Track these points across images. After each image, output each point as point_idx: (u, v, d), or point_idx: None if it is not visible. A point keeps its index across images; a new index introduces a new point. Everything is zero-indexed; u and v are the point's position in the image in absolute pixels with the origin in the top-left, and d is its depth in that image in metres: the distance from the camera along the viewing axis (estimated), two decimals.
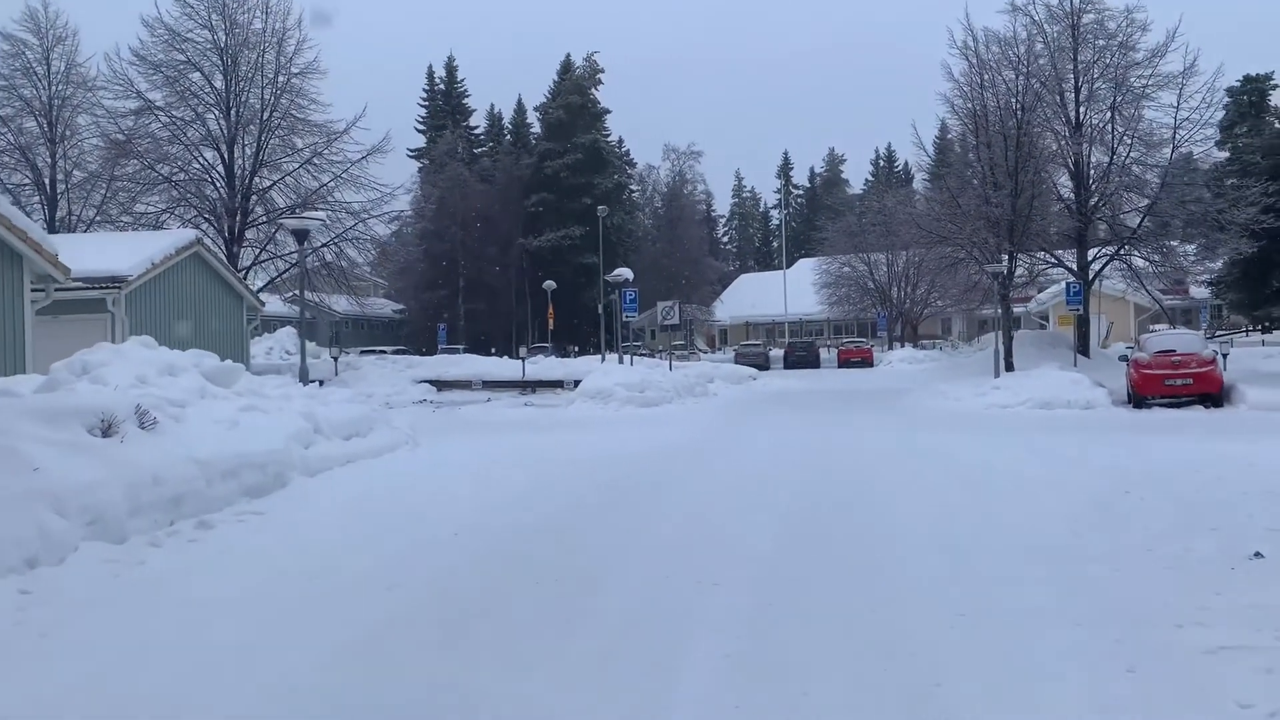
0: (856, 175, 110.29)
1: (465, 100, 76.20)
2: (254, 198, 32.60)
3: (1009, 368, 25.54)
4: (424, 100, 76.65)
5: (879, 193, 72.44)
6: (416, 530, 8.04)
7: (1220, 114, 32.89)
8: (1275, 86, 52.82)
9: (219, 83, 31.74)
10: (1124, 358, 23.89)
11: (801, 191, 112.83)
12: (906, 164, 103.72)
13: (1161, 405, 21.08)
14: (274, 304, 36.87)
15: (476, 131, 76.57)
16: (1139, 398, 21.29)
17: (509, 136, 73.88)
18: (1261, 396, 20.23)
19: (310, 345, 51.53)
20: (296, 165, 32.85)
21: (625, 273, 28.16)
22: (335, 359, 30.08)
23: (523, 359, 29.19)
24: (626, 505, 9.30)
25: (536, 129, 71.15)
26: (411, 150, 75.93)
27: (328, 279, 33.64)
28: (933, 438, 15.45)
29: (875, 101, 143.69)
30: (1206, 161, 29.73)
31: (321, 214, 17.02)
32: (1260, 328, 51.72)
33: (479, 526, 8.18)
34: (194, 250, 25.86)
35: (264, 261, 33.20)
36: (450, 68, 76.00)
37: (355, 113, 32.71)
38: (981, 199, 26.12)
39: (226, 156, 32.17)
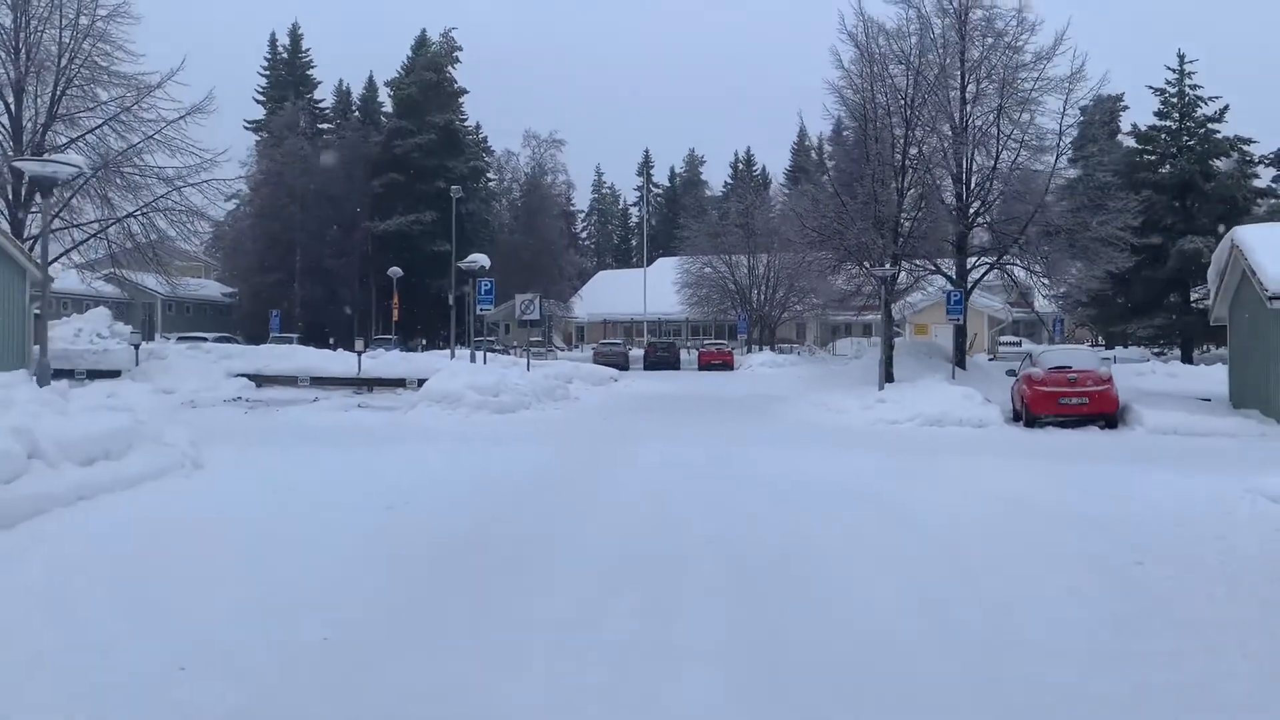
0: (716, 177, 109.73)
1: (310, 71, 70.98)
2: (46, 156, 27.86)
3: (889, 378, 23.86)
4: (265, 69, 71.02)
5: (740, 194, 71.38)
6: (102, 667, 4.76)
7: (1095, 123, 32.55)
8: (1125, 108, 54.20)
9: (5, 19, 27.00)
10: (1011, 372, 22.54)
11: (661, 191, 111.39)
12: (765, 168, 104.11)
13: (1055, 425, 19.71)
14: (73, 282, 32.12)
15: (322, 106, 71.48)
16: (1031, 416, 19.83)
17: (357, 113, 69.19)
18: (1159, 419, 19.05)
19: (123, 328, 46.19)
20: (99, 121, 28.32)
21: (480, 259, 25.15)
22: (135, 347, 25.87)
23: (359, 353, 25.75)
24: (462, 611, 6.39)
25: (389, 108, 66.80)
26: (249, 122, 70.43)
27: (134, 254, 29.22)
28: (839, 462, 13.23)
29: (735, 105, 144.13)
30: (1084, 173, 28.94)
31: (79, 158, 13.32)
32: (1105, 343, 52.89)
33: (207, 665, 4.80)
34: None
35: (58, 230, 28.50)
36: (295, 35, 70.66)
37: (173, 65, 28.37)
38: (870, 197, 24.37)
39: (13, 106, 27.39)
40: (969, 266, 27.85)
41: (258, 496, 9.31)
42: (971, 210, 27.09)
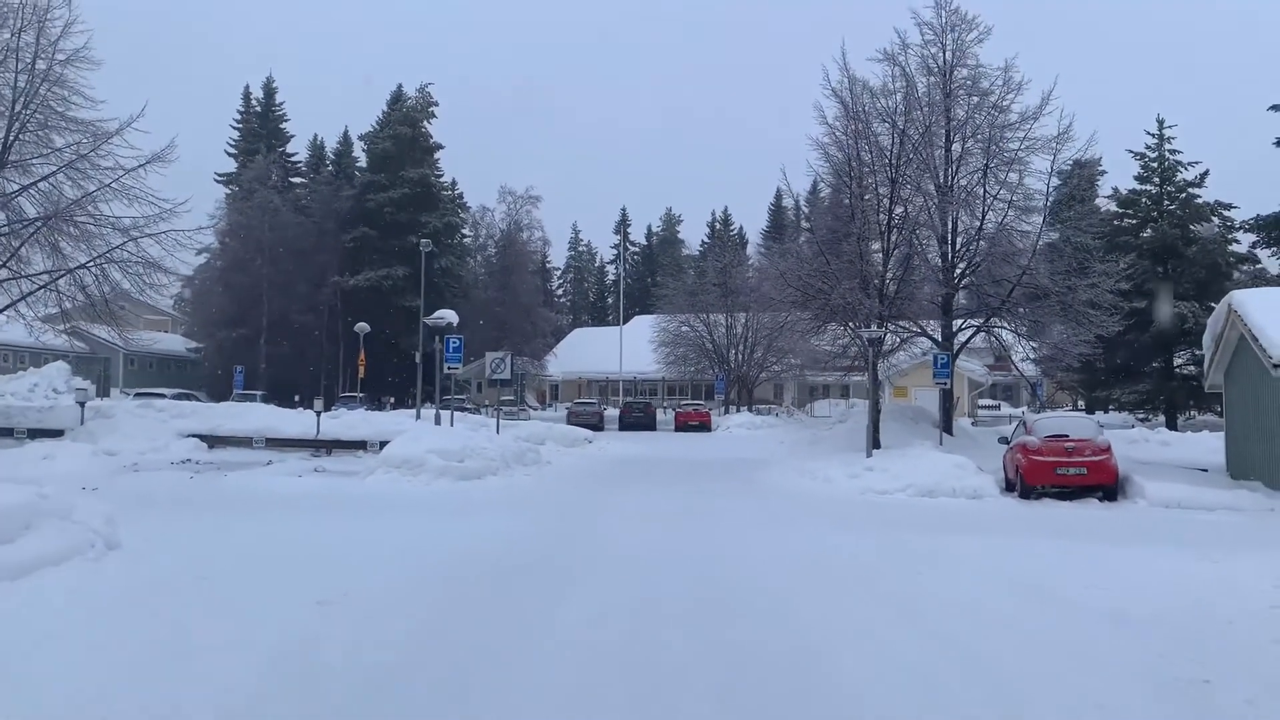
0: (693, 235, 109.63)
1: (283, 125, 70.19)
2: None
3: (875, 444, 22.78)
4: (238, 122, 70.21)
5: (718, 253, 70.93)
6: None
7: (1076, 187, 32.04)
8: (1104, 172, 54.25)
9: None
10: (1004, 439, 21.55)
11: (638, 249, 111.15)
12: (742, 227, 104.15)
13: (1051, 496, 18.68)
14: (19, 334, 30.60)
15: (295, 160, 70.61)
16: (1026, 487, 18.77)
17: (330, 167, 68.32)
18: (1161, 491, 18.05)
19: (81, 383, 44.42)
20: (54, 169, 27.06)
21: (448, 315, 23.96)
22: (81, 405, 24.39)
23: (318, 413, 24.38)
24: None
25: (363, 162, 66.03)
26: (220, 175, 69.44)
27: (87, 307, 27.80)
28: (835, 544, 12.07)
29: (712, 164, 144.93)
30: (1063, 237, 28.20)
31: None
32: (1087, 408, 52.20)
33: None
34: None
35: (4, 281, 27.09)
36: (269, 89, 70.01)
37: (133, 111, 27.20)
38: (855, 255, 23.52)
39: None
40: (955, 329, 27.00)
41: (166, 586, 7.98)
42: (957, 271, 26.31)
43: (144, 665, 5.78)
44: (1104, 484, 18.52)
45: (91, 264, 27.13)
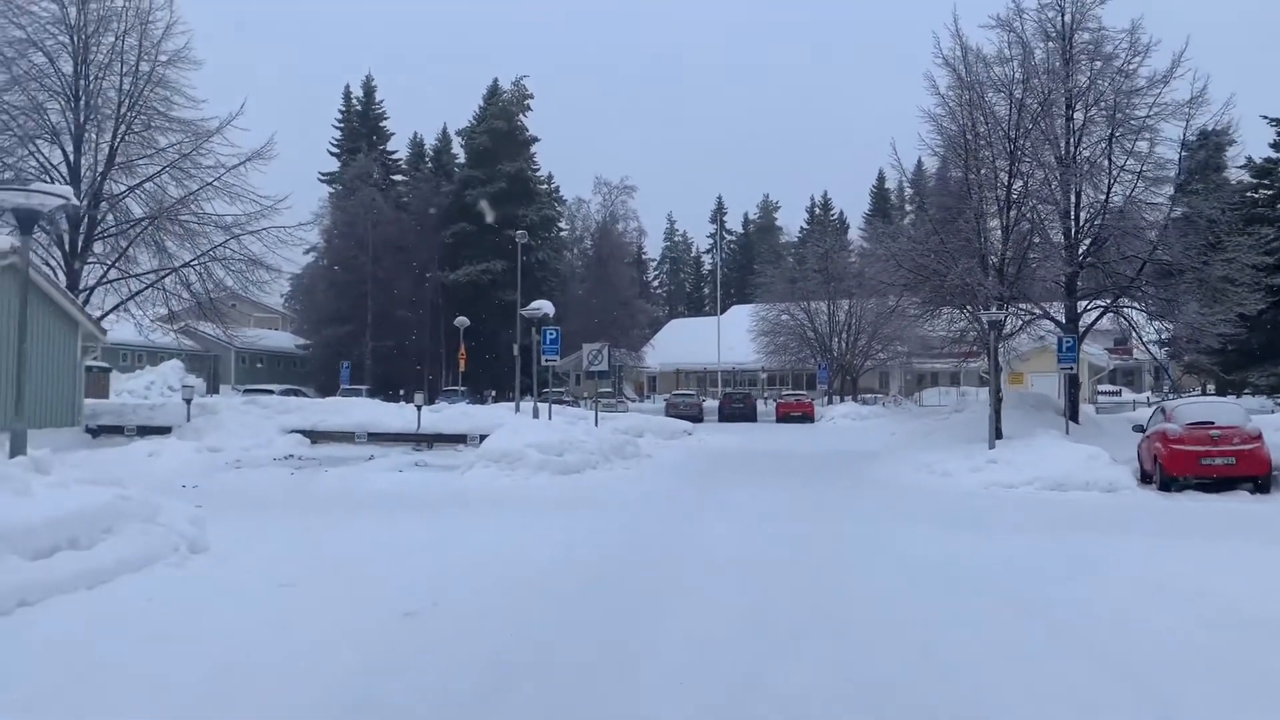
0: (791, 222, 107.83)
1: (383, 123, 71.07)
2: (104, 205, 27.18)
3: (997, 434, 21.38)
4: (339, 122, 71.37)
5: (818, 238, 69.29)
6: None
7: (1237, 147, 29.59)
8: (1232, 143, 50.89)
9: (66, 66, 26.41)
10: (1139, 427, 19.94)
11: (735, 237, 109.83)
12: (842, 212, 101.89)
13: (1194, 488, 17.14)
14: (129, 333, 31.34)
15: (395, 157, 71.47)
16: (1167, 478, 17.24)
17: (429, 164, 68.94)
18: None
19: (195, 380, 45.57)
20: (159, 169, 27.51)
21: (544, 306, 23.41)
22: (188, 401, 24.65)
23: (418, 407, 24.15)
24: None
25: (461, 158, 66.42)
26: (324, 174, 70.72)
27: (193, 305, 28.25)
28: (970, 547, 10.99)
29: (810, 149, 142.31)
30: (1190, 211, 26.13)
31: (66, 189, 11.80)
32: (1216, 392, 49.07)
33: None
34: (9, 262, 20.48)
35: (114, 281, 27.67)
36: (368, 88, 70.94)
37: (232, 109, 27.48)
38: (973, 233, 22.13)
39: (72, 155, 26.74)
40: (1080, 310, 25.29)
41: (246, 594, 7.48)
42: (1082, 249, 24.61)
43: (195, 691, 5.20)
44: (1255, 475, 16.93)
45: (196, 262, 27.53)
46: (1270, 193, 40.19)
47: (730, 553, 9.80)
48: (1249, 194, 39.42)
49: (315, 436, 24.03)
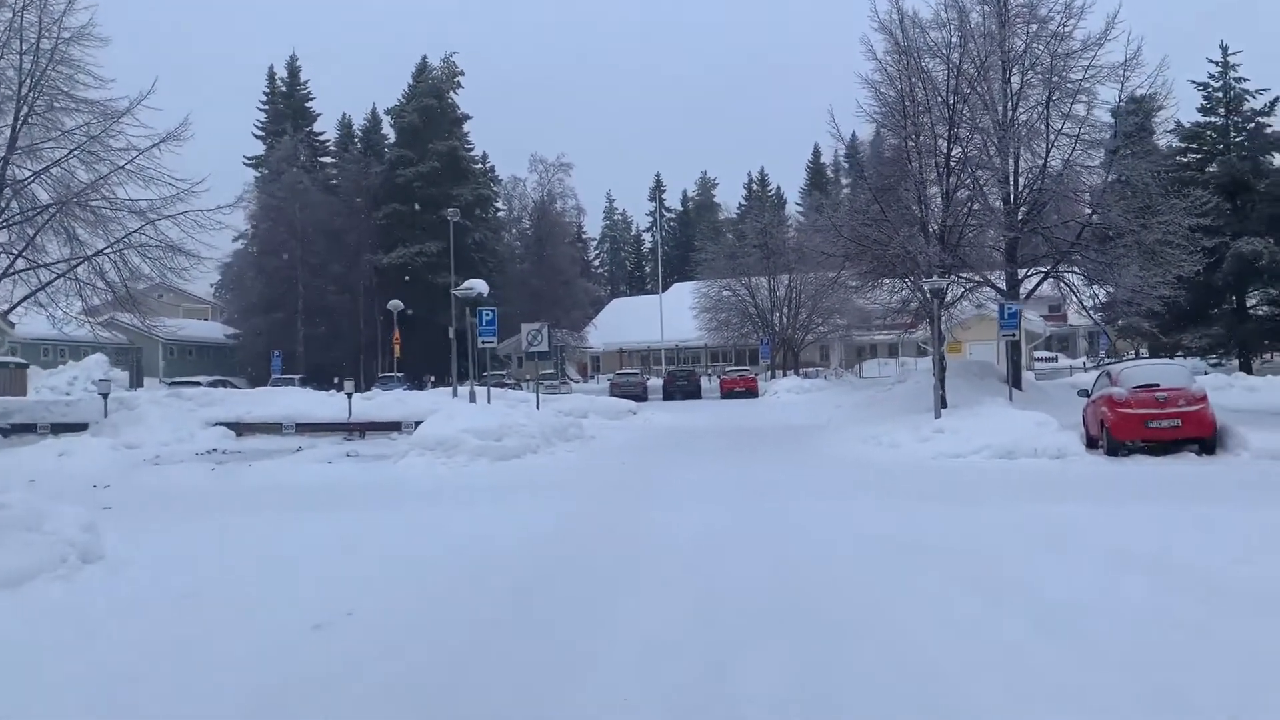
0: (729, 198, 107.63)
1: (309, 104, 69.03)
2: (7, 191, 25.60)
3: (943, 403, 21.13)
4: (263, 104, 69.15)
5: (757, 214, 68.96)
6: None
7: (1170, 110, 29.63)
8: (1160, 108, 51.49)
9: None
10: (1084, 392, 19.83)
11: (674, 215, 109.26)
12: (779, 188, 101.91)
13: (1141, 452, 17.02)
14: (43, 327, 29.79)
15: (323, 139, 69.55)
16: (1114, 443, 17.09)
17: (359, 145, 67.16)
18: (1266, 442, 16.36)
19: (120, 374, 43.67)
20: (66, 152, 25.96)
21: (478, 286, 22.57)
22: (104, 396, 23.40)
23: (349, 395, 23.21)
24: None
25: (392, 139, 64.77)
26: (249, 158, 68.55)
27: (108, 295, 26.80)
28: (915, 515, 10.59)
29: (746, 125, 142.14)
30: (1119, 177, 26.03)
31: None
32: (1149, 355, 49.83)
33: None
34: None
35: (23, 272, 26.14)
36: (293, 68, 68.76)
37: (143, 89, 25.98)
38: (914, 200, 21.79)
39: None
40: (1020, 276, 25.15)
41: (142, 608, 6.68)
42: (1021, 214, 24.44)
43: None
44: (1201, 437, 16.84)
45: (110, 250, 26.09)
46: (1199, 156, 40.62)
47: (680, 541, 9.19)
48: (1178, 158, 39.81)
49: (241, 429, 23.00)
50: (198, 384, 38.54)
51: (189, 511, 11.98)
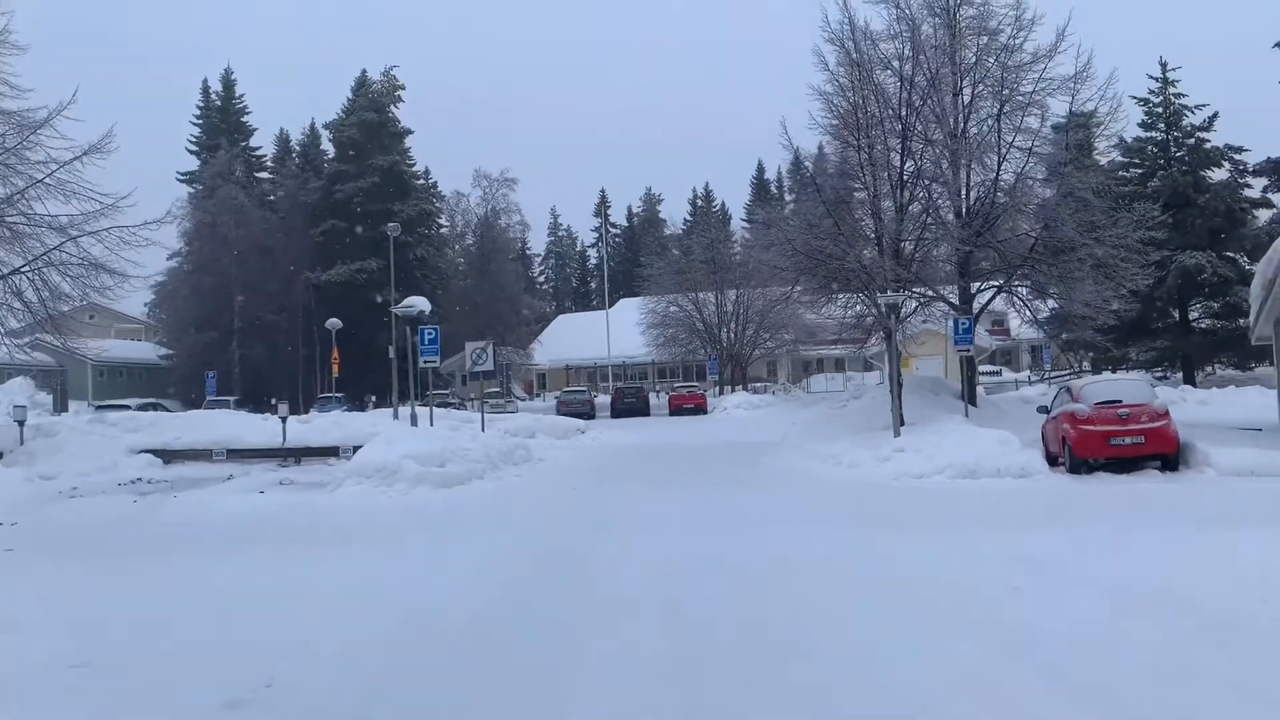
0: (675, 214, 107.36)
1: (245, 119, 67.25)
2: None
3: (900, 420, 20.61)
4: (197, 118, 67.24)
5: (703, 229, 68.63)
6: None
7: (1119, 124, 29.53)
8: (1099, 124, 52.11)
9: None
10: (1043, 409, 19.46)
11: (619, 230, 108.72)
12: (724, 203, 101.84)
13: (1103, 469, 16.65)
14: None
15: (260, 154, 67.79)
16: (1077, 461, 16.70)
17: (296, 160, 65.54)
18: (1231, 458, 16.05)
19: (45, 398, 41.69)
20: None
21: (419, 303, 21.64)
22: (20, 423, 21.99)
23: (283, 419, 22.09)
24: None
25: (332, 154, 63.29)
26: (182, 174, 66.59)
27: (20, 314, 25.35)
28: (885, 543, 9.96)
29: (691, 141, 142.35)
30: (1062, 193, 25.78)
31: None
32: (1092, 369, 50.25)
33: None
34: None
35: None
36: (228, 82, 66.99)
37: (63, 99, 24.65)
38: (868, 213, 21.34)
39: None
40: (974, 291, 24.84)
41: (21, 683, 5.74)
42: (974, 229, 24.15)
43: None
44: (1164, 453, 16.51)
45: (27, 268, 24.69)
46: (1140, 171, 41.02)
47: (634, 579, 8.39)
48: (1120, 173, 40.14)
49: (169, 456, 21.77)
50: (126, 407, 36.86)
51: (99, 553, 10.94)
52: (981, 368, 63.09)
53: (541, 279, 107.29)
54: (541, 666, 5.85)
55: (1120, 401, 16.85)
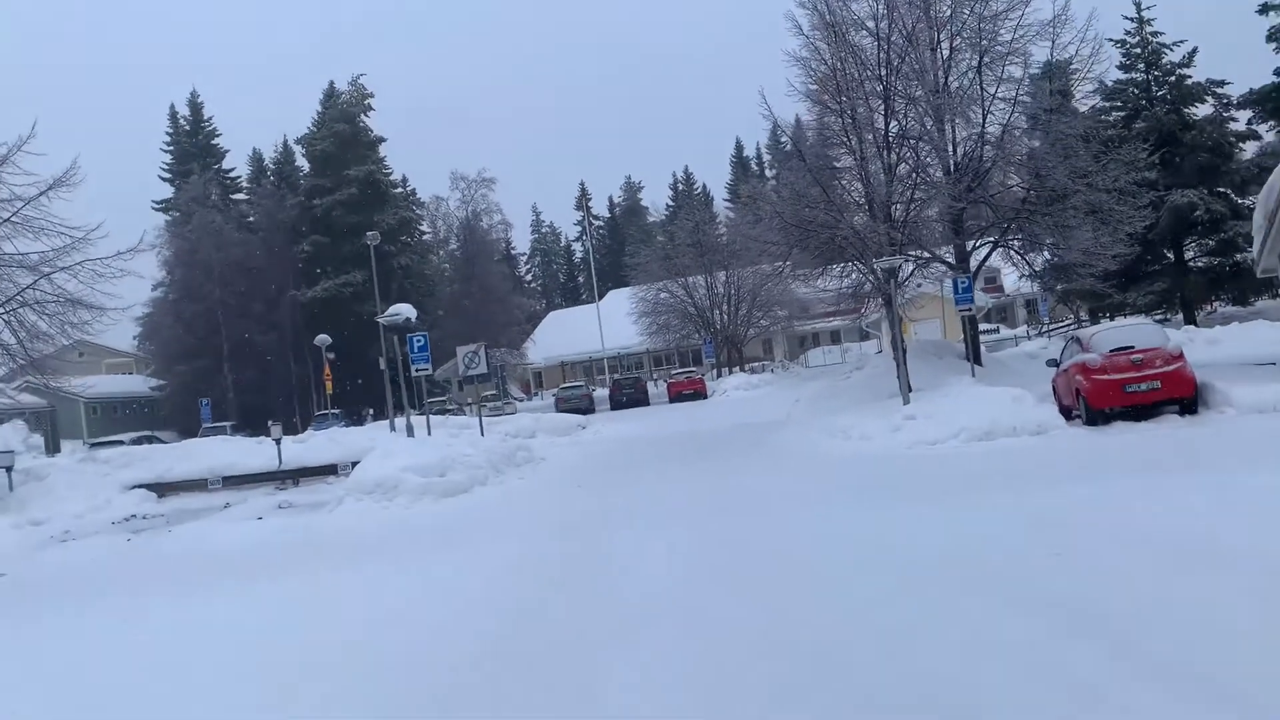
0: (656, 200, 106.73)
1: (215, 141, 66.47)
2: None
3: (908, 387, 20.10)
4: (167, 144, 66.44)
5: (687, 212, 68.04)
6: None
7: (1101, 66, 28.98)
8: (1075, 71, 51.53)
9: None
10: (1053, 362, 18.98)
11: (603, 222, 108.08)
12: (705, 185, 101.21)
13: (1120, 418, 16.17)
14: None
15: (234, 176, 67.02)
16: (1093, 412, 16.23)
17: (272, 178, 64.77)
18: (1251, 396, 15.55)
19: (38, 440, 40.99)
20: None
21: (404, 310, 21.07)
22: (7, 470, 21.40)
23: (276, 440, 21.55)
24: None
25: (307, 169, 62.52)
26: (157, 203, 65.88)
27: (5, 359, 24.77)
28: (912, 517, 9.46)
29: (667, 126, 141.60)
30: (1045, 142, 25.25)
31: None
32: (1090, 318, 49.77)
33: None
34: None
35: None
36: (194, 104, 66.18)
37: (22, 134, 24.02)
38: (856, 176, 20.78)
39: None
40: (969, 249, 24.33)
41: None
42: (964, 185, 23.61)
43: None
44: (1182, 396, 16.04)
45: (2, 310, 24.08)
46: (1123, 114, 40.46)
47: (654, 590, 7.84)
48: (1103, 117, 39.56)
49: (163, 489, 21.21)
50: (120, 442, 36.31)
51: (89, 599, 10.38)
52: (981, 326, 62.91)
53: (529, 277, 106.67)
54: (562, 693, 5.33)
55: (1132, 347, 16.37)
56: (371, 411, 51.67)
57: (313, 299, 54.09)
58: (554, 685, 5.47)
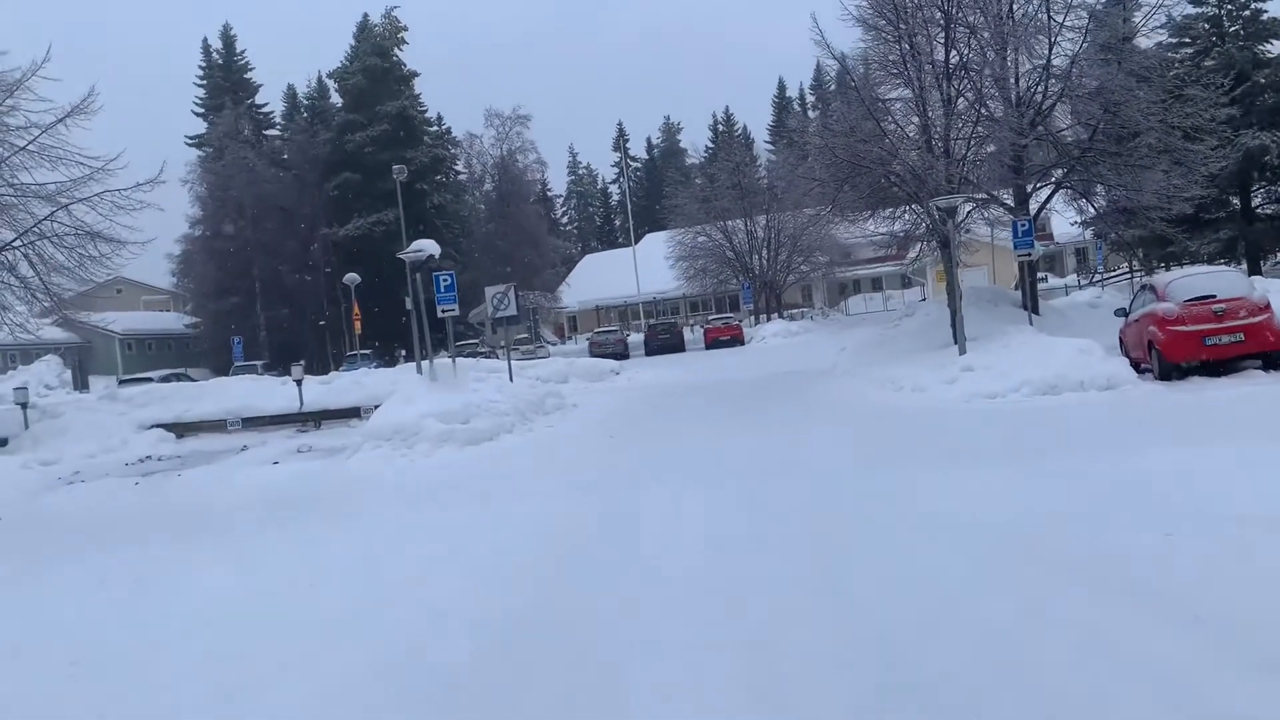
0: (695, 142, 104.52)
1: (249, 75, 65.41)
2: None
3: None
4: (200, 79, 65.51)
5: (727, 154, 66.14)
6: None
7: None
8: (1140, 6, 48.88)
9: None
10: (1122, 311, 17.60)
11: (640, 164, 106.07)
12: (745, 127, 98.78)
13: (1197, 373, 14.88)
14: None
15: (267, 111, 66.03)
16: (1167, 366, 14.94)
17: (305, 114, 63.71)
18: None
19: (66, 376, 40.57)
20: None
21: (428, 246, 19.98)
22: (24, 406, 20.79)
23: (298, 381, 20.73)
24: None
25: (339, 104, 61.31)
26: (190, 138, 65.15)
27: (17, 289, 24.07)
28: (980, 482, 8.33)
29: (705, 65, 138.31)
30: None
31: None
32: (1146, 269, 47.70)
33: None
34: None
35: None
36: (227, 38, 65.03)
37: (36, 58, 23.03)
38: (914, 109, 19.32)
39: None
40: (1029, 190, 22.80)
41: None
42: (1027, 120, 22.03)
43: None
44: (1267, 350, 14.70)
45: (18, 242, 23.34)
46: (1192, 50, 38.20)
47: (691, 564, 6.82)
48: (1169, 55, 37.36)
49: (181, 429, 20.50)
50: (149, 379, 35.86)
51: (85, 550, 9.59)
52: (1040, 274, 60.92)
53: (565, 220, 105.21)
54: (583, 687, 4.34)
55: (1214, 296, 15.00)
56: (404, 352, 51.02)
57: (345, 237, 53.24)
58: (571, 678, 4.47)
